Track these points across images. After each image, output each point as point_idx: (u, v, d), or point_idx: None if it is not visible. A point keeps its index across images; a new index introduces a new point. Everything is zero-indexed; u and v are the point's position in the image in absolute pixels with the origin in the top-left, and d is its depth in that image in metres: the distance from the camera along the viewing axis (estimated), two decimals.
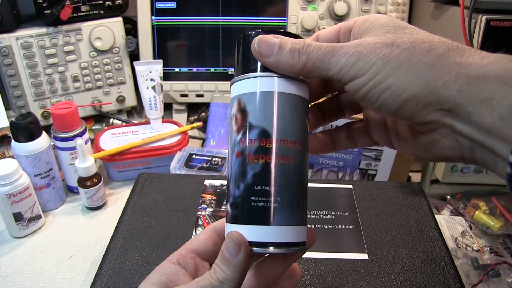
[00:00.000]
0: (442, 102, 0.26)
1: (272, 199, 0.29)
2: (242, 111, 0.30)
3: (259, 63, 0.30)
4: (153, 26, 0.89)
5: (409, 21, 0.91)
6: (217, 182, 0.62)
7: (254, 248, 0.29)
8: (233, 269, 0.28)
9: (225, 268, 0.28)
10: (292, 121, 0.30)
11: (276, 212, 0.29)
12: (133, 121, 0.92)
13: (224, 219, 0.36)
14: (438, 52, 0.26)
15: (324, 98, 0.38)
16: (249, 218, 0.29)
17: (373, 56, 0.27)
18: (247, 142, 0.30)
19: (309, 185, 0.61)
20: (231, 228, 0.30)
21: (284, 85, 0.30)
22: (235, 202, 0.30)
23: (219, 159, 0.71)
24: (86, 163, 0.65)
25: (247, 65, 0.31)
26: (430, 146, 0.29)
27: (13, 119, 0.61)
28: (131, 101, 0.93)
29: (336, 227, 0.55)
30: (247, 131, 0.30)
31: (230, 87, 0.32)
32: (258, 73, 0.30)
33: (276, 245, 0.29)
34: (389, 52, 0.26)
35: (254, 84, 0.30)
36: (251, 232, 0.29)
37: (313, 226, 0.55)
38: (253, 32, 0.31)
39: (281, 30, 0.31)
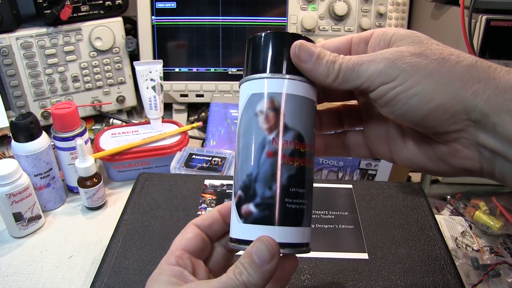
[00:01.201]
0: (469, 112, 0.26)
1: (304, 201, 0.30)
2: (277, 110, 0.30)
3: (289, 66, 0.31)
4: (153, 26, 0.89)
5: (409, 21, 0.91)
6: (217, 182, 0.62)
7: (287, 250, 0.30)
8: (262, 275, 0.28)
9: (253, 273, 0.28)
10: (313, 127, 0.32)
11: (305, 214, 0.31)
12: (133, 121, 0.92)
13: (205, 216, 0.36)
14: (467, 63, 0.27)
15: (327, 106, 0.38)
16: (283, 219, 0.29)
17: (402, 63, 0.27)
18: (282, 143, 0.30)
19: None
20: (254, 229, 0.30)
21: (311, 92, 0.32)
22: (265, 202, 0.30)
23: (219, 159, 0.71)
24: (86, 163, 0.65)
25: (285, 65, 0.31)
26: (449, 157, 0.29)
27: (13, 119, 0.61)
28: (131, 101, 0.93)
29: (336, 227, 0.55)
30: (283, 132, 0.30)
31: (247, 81, 0.32)
32: (298, 76, 0.31)
33: (306, 245, 0.31)
34: (419, 60, 0.27)
35: (293, 86, 0.31)
36: (282, 234, 0.29)
37: (313, 226, 0.55)
38: (265, 33, 0.32)
39: (296, 33, 0.32)
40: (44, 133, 0.64)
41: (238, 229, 0.31)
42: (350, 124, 0.37)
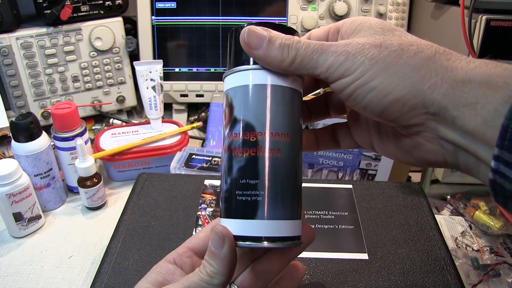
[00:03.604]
0: (427, 106, 0.26)
1: (257, 192, 0.29)
2: (229, 105, 0.30)
3: (244, 57, 0.30)
4: (153, 26, 0.89)
5: (409, 21, 0.91)
6: (217, 182, 0.62)
7: (241, 242, 0.29)
8: (220, 262, 0.29)
9: (213, 262, 0.29)
10: (279, 113, 0.30)
11: (262, 205, 0.29)
12: (133, 121, 0.92)
13: None
14: (425, 55, 0.26)
15: (312, 96, 0.38)
16: (236, 212, 0.29)
17: (361, 56, 0.27)
18: (233, 136, 0.30)
19: (309, 185, 0.61)
20: (221, 222, 0.30)
21: (272, 78, 0.30)
22: (224, 196, 0.30)
23: (219, 159, 0.71)
24: (86, 163, 0.65)
25: (234, 60, 0.31)
26: (413, 149, 0.29)
27: (13, 119, 0.61)
28: (131, 101, 0.93)
29: (336, 227, 0.55)
30: (233, 125, 0.30)
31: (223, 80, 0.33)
32: (241, 66, 0.30)
33: (267, 239, 0.29)
34: (378, 53, 0.26)
35: (239, 78, 0.30)
36: (239, 226, 0.29)
37: (313, 226, 0.54)
38: (246, 25, 0.30)
39: (275, 23, 0.30)
40: (44, 133, 0.64)
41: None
42: (335, 113, 0.37)
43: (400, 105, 0.26)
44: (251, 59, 0.30)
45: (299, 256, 0.49)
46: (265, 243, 0.29)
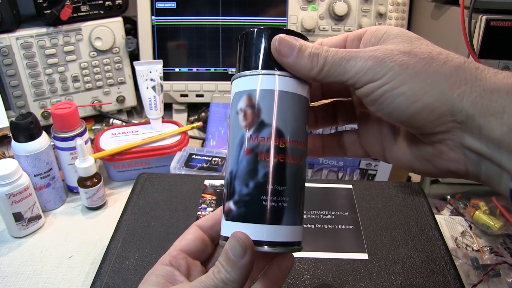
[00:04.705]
0: (455, 113, 0.26)
1: (284, 198, 0.29)
2: (254, 107, 0.30)
3: (272, 61, 0.30)
4: (153, 26, 0.89)
5: (409, 21, 0.91)
6: (217, 182, 0.62)
7: (266, 247, 0.29)
8: (238, 271, 0.28)
9: (230, 269, 0.28)
10: (302, 122, 0.31)
11: (285, 212, 0.29)
12: (133, 121, 0.92)
13: (209, 216, 0.36)
14: (455, 63, 0.26)
15: (321, 103, 0.38)
16: (259, 217, 0.29)
17: (390, 62, 0.27)
18: (259, 140, 0.29)
19: (309, 185, 0.61)
20: (234, 226, 0.29)
21: (297, 86, 0.30)
22: (242, 200, 0.29)
23: (219, 159, 0.71)
24: (86, 163, 0.65)
25: (262, 61, 0.30)
26: (435, 158, 0.29)
27: (13, 119, 0.61)
28: (131, 101, 0.93)
29: (336, 227, 0.55)
30: (260, 129, 0.29)
31: (233, 80, 0.32)
32: (277, 71, 0.30)
33: (287, 244, 0.29)
34: (407, 59, 0.27)
35: (271, 81, 0.30)
36: (258, 232, 0.29)
37: (313, 226, 0.55)
38: (268, 29, 0.30)
39: (287, 29, 0.31)
40: (44, 133, 0.64)
41: (223, 226, 0.31)
42: (344, 120, 0.37)
43: (428, 112, 0.26)
44: (259, 64, 0.30)
45: (299, 256, 0.49)
46: (283, 248, 0.29)
